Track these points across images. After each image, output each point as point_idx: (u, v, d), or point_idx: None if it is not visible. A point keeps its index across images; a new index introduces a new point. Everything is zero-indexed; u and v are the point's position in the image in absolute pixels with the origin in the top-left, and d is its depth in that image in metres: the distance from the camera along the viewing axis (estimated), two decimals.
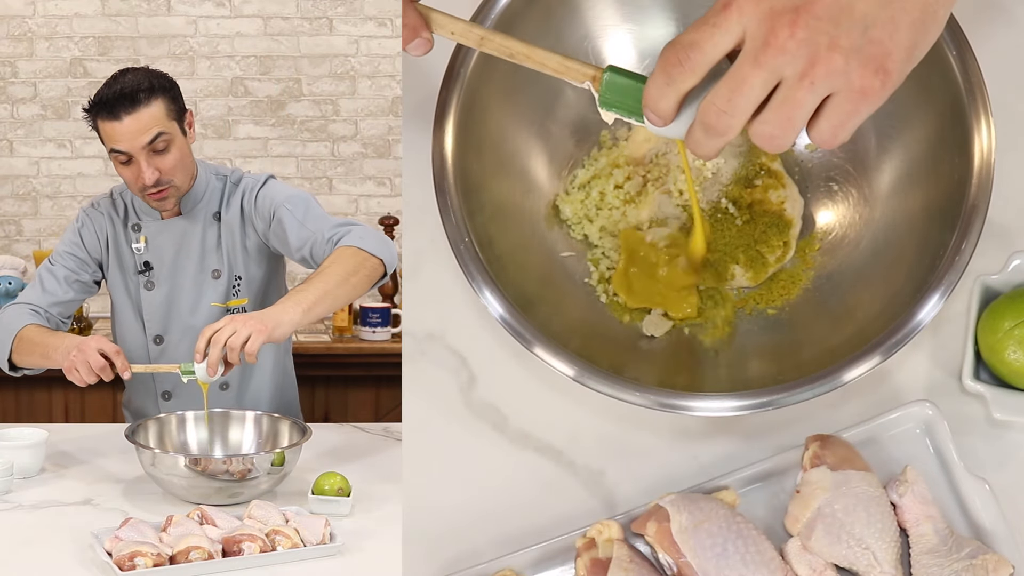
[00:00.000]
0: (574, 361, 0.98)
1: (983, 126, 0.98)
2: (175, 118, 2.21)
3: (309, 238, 2.20)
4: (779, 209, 1.10)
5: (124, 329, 2.38)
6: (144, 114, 2.15)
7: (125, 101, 2.14)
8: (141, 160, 2.17)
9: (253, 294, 2.34)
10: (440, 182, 1.02)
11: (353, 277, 2.08)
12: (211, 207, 2.32)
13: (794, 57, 0.74)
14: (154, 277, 2.32)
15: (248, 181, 2.34)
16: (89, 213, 2.37)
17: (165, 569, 1.59)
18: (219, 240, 2.31)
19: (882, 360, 0.96)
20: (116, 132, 2.15)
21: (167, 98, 2.20)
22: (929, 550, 1.00)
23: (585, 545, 1.03)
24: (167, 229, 2.31)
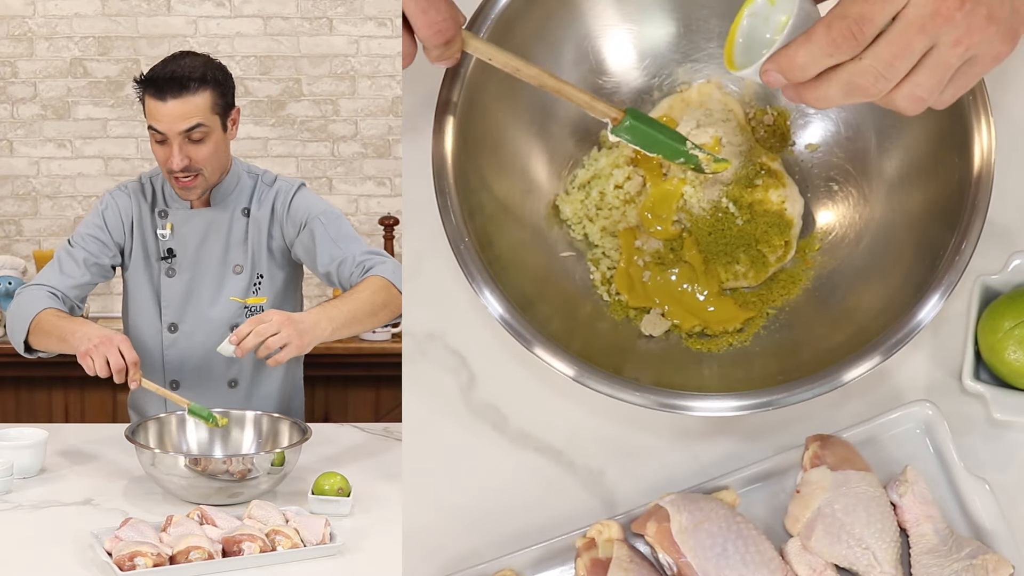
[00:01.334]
0: (574, 361, 0.98)
1: (983, 126, 0.98)
2: (219, 112, 2.23)
3: (338, 257, 2.23)
4: (779, 209, 1.10)
5: (138, 315, 2.38)
6: (189, 102, 2.18)
7: (174, 84, 2.17)
8: (175, 144, 2.19)
9: (272, 295, 2.35)
10: (440, 182, 1.02)
11: (382, 311, 2.13)
12: (240, 202, 2.33)
13: (955, 26, 0.79)
14: (176, 264, 2.33)
15: (283, 184, 2.36)
16: (115, 195, 2.38)
17: (165, 569, 1.59)
18: (246, 236, 2.32)
19: (882, 360, 0.96)
20: (158, 112, 2.18)
21: (216, 91, 2.22)
22: (929, 550, 1.00)
23: (585, 545, 1.03)
24: (194, 218, 2.32)
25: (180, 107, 2.17)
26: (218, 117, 2.23)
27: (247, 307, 2.34)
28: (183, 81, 2.17)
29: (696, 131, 1.10)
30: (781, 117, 1.11)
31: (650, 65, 1.11)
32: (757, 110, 1.11)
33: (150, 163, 3.88)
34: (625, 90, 1.11)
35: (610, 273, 1.11)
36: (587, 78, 1.10)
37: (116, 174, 3.89)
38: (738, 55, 0.89)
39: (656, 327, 1.09)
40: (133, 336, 2.38)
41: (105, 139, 3.88)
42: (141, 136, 3.86)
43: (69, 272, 2.32)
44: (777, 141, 1.11)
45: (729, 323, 1.08)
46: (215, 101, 2.22)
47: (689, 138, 1.08)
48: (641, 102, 1.12)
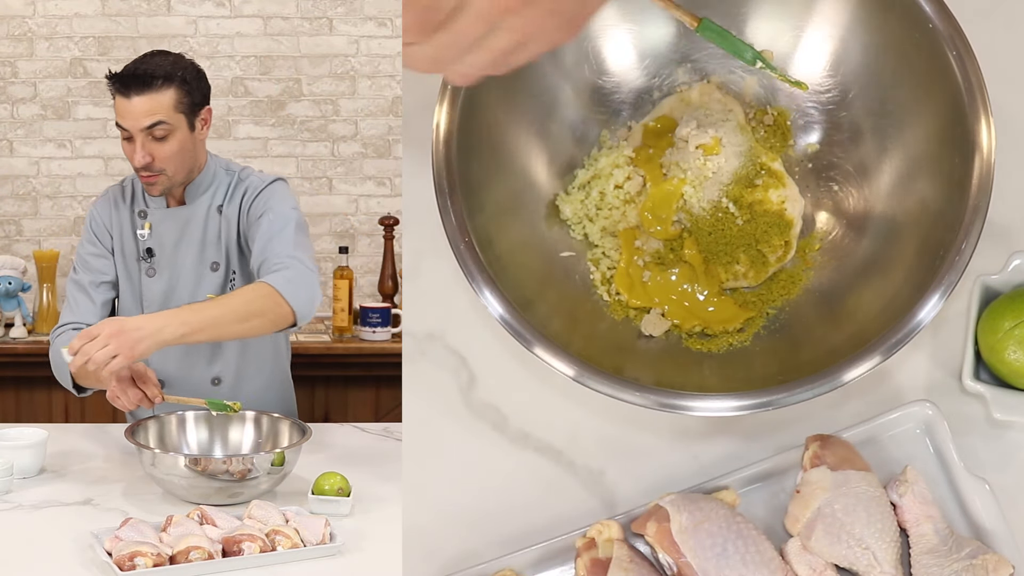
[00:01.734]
0: (574, 361, 0.98)
1: (983, 126, 0.98)
2: (184, 111, 2.23)
3: (263, 255, 2.21)
4: (780, 209, 1.10)
5: (124, 315, 2.39)
6: (152, 99, 2.19)
7: (138, 82, 2.19)
8: (138, 141, 2.21)
9: None
10: (440, 182, 1.02)
11: (256, 319, 2.09)
12: (216, 199, 2.34)
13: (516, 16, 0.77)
14: (156, 264, 2.34)
15: (254, 180, 2.35)
16: (96, 204, 2.41)
17: (165, 569, 1.59)
18: (220, 233, 2.33)
19: (882, 360, 0.96)
20: (123, 109, 2.20)
21: (182, 89, 2.22)
22: (929, 550, 1.00)
23: (585, 545, 1.03)
24: (170, 217, 2.33)
25: (143, 104, 2.19)
26: (183, 116, 2.24)
27: None
28: (147, 79, 2.19)
29: (696, 131, 1.10)
30: (781, 117, 1.11)
31: (650, 65, 1.11)
32: (757, 110, 1.11)
33: None
34: (625, 90, 1.11)
35: (610, 273, 1.11)
36: (587, 78, 1.10)
37: (116, 174, 3.89)
38: None
39: (656, 327, 1.09)
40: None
41: (105, 139, 3.88)
42: None
43: (84, 306, 2.35)
44: (777, 141, 1.11)
45: (729, 323, 1.08)
46: (180, 99, 2.22)
47: (691, 137, 1.08)
48: (641, 102, 1.12)
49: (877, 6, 1.04)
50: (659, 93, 1.12)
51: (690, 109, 1.11)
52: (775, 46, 1.09)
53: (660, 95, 1.12)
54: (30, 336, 3.49)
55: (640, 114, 1.12)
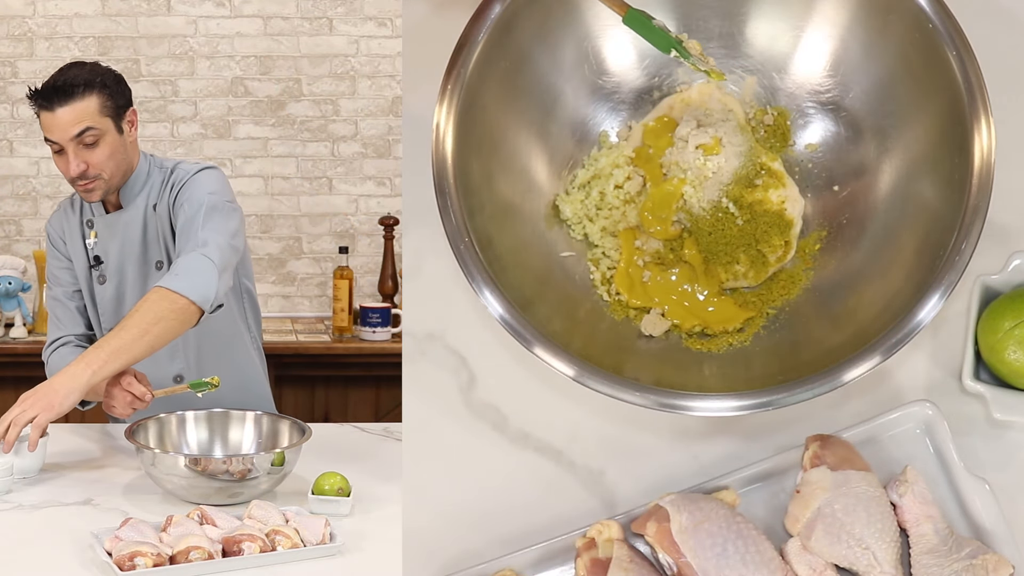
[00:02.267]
0: (574, 361, 0.98)
1: (983, 126, 0.98)
2: (110, 114, 2.24)
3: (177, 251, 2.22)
4: (780, 209, 1.10)
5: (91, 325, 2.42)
6: (76, 107, 2.20)
7: (60, 93, 2.20)
8: (70, 151, 2.21)
9: None
10: (440, 182, 1.02)
11: (156, 327, 2.08)
12: (151, 199, 2.34)
13: None
14: (104, 271, 2.35)
15: (180, 172, 2.34)
16: (50, 219, 2.44)
17: (165, 569, 1.59)
18: (158, 231, 2.33)
19: (882, 360, 0.96)
20: (49, 122, 2.22)
21: (104, 94, 2.23)
22: (929, 550, 1.00)
23: (585, 545, 1.03)
24: (112, 223, 2.34)
25: (68, 114, 2.20)
26: (110, 119, 2.24)
27: None
28: (68, 88, 2.20)
29: (696, 131, 1.10)
30: (781, 117, 1.11)
31: (650, 65, 1.11)
32: (757, 110, 1.11)
33: None
34: (625, 90, 1.11)
35: (610, 273, 1.11)
36: (587, 78, 1.10)
37: None
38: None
39: (656, 327, 1.09)
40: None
41: None
42: (141, 136, 3.84)
43: (67, 317, 2.37)
44: (777, 141, 1.11)
45: (729, 323, 1.08)
46: (103, 104, 2.23)
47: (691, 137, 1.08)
48: (641, 102, 1.12)
49: (877, 6, 1.04)
50: (659, 93, 1.12)
51: (690, 109, 1.11)
52: (775, 46, 1.09)
53: (660, 95, 1.12)
54: (30, 336, 3.49)
55: (640, 114, 1.12)
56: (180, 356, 2.35)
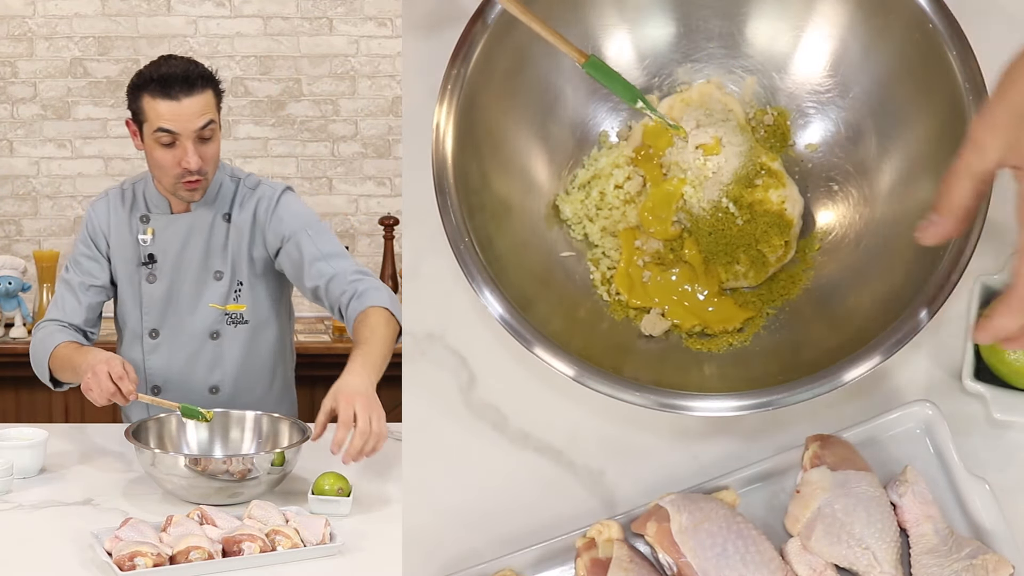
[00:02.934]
0: (574, 361, 0.98)
1: None
2: (219, 111, 2.23)
3: (328, 274, 2.21)
4: (779, 209, 1.10)
5: (123, 321, 2.39)
6: (200, 99, 2.17)
7: (183, 83, 2.16)
8: (188, 144, 2.17)
9: (253, 303, 2.34)
10: (440, 182, 1.02)
11: (391, 340, 2.15)
12: (222, 207, 2.32)
13: None
14: (156, 270, 2.33)
15: (266, 189, 2.33)
16: (94, 206, 2.39)
17: (165, 569, 1.59)
18: (226, 242, 2.31)
19: (882, 360, 0.96)
20: (170, 111, 2.16)
21: (214, 91, 2.22)
22: (929, 550, 1.00)
23: (585, 545, 1.03)
24: (175, 224, 2.32)
25: (195, 104, 2.16)
26: (219, 115, 2.24)
27: (227, 314, 2.33)
28: (190, 79, 2.17)
29: (696, 131, 1.10)
30: (781, 117, 1.11)
31: (650, 65, 1.11)
32: (757, 110, 1.11)
33: None
34: None
35: (610, 273, 1.11)
36: (587, 78, 1.10)
37: (116, 174, 3.89)
38: None
39: (656, 327, 1.09)
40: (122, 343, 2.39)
41: (105, 139, 3.89)
42: None
43: (70, 305, 2.35)
44: (777, 141, 1.11)
45: (729, 323, 1.08)
46: (217, 100, 2.22)
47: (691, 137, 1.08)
48: None
49: (877, 6, 1.04)
50: (659, 93, 1.12)
51: (690, 109, 1.11)
52: (775, 46, 1.09)
53: (660, 95, 1.12)
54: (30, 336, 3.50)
55: (640, 114, 1.12)
56: (220, 369, 2.34)
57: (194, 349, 2.33)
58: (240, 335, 2.33)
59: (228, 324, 2.32)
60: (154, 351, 2.34)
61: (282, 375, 2.46)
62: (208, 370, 2.34)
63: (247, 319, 2.31)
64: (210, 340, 2.31)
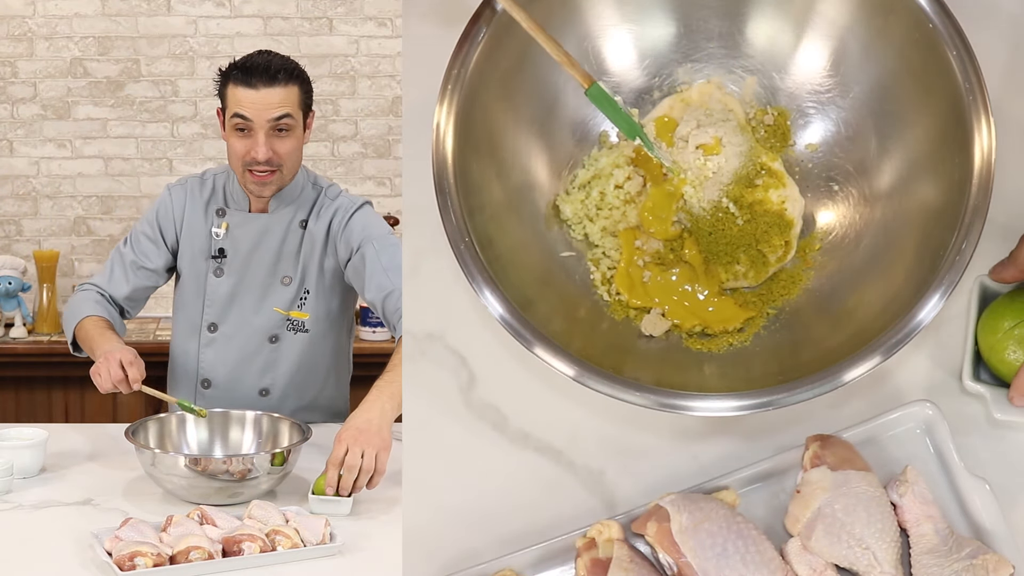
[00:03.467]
0: (574, 361, 0.98)
1: (983, 126, 0.98)
2: (303, 110, 2.24)
3: (387, 288, 2.22)
4: (780, 209, 1.10)
5: (181, 310, 2.39)
6: (279, 91, 2.18)
7: (265, 74, 2.19)
8: (260, 134, 2.19)
9: (317, 313, 2.34)
10: (440, 182, 1.02)
11: None
12: (300, 214, 2.31)
13: None
14: (225, 265, 2.32)
15: (345, 201, 2.34)
16: (171, 189, 2.38)
17: (165, 569, 1.59)
18: (299, 248, 2.31)
19: (882, 360, 0.96)
20: (247, 98, 2.18)
21: (302, 88, 2.24)
22: (929, 550, 1.00)
23: (585, 545, 1.03)
24: (250, 222, 2.32)
25: (272, 95, 2.18)
26: (302, 114, 2.25)
27: (289, 320, 2.33)
28: (273, 71, 2.19)
29: (696, 131, 1.10)
30: (781, 117, 1.11)
31: (650, 65, 1.11)
32: (757, 110, 1.11)
33: (150, 163, 3.88)
34: (625, 90, 1.11)
35: (610, 273, 1.11)
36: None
37: (116, 174, 3.89)
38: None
39: (656, 327, 1.09)
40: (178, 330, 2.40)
41: (105, 139, 3.89)
42: (141, 136, 3.86)
43: (117, 278, 2.35)
44: (777, 141, 1.11)
45: (729, 323, 1.09)
46: (301, 98, 2.23)
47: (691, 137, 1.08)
48: (641, 102, 1.12)
49: (877, 6, 1.04)
50: (659, 93, 1.12)
51: (690, 109, 1.11)
52: (775, 46, 1.09)
53: (660, 95, 1.12)
54: (30, 336, 3.50)
55: (640, 114, 1.12)
56: (272, 372, 2.34)
57: (251, 350, 2.33)
58: (298, 342, 2.34)
59: (288, 330, 2.33)
60: (210, 345, 2.34)
61: (334, 385, 2.47)
62: (261, 373, 2.34)
63: (308, 328, 2.32)
64: (268, 343, 2.31)
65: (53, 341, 3.43)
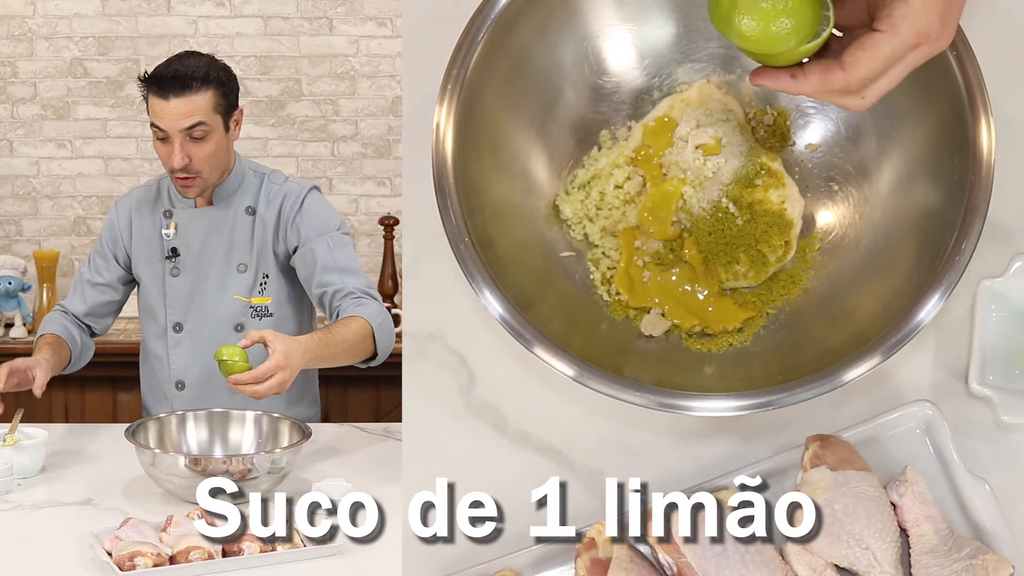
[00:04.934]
0: (574, 361, 0.98)
1: (983, 126, 0.98)
2: (221, 112, 2.25)
3: (335, 286, 2.25)
4: (779, 209, 1.10)
5: (147, 316, 2.41)
6: (191, 100, 2.20)
7: (176, 84, 2.20)
8: (176, 142, 2.21)
9: (278, 296, 2.36)
10: (440, 182, 1.02)
11: (352, 350, 2.17)
12: (244, 201, 2.34)
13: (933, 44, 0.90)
14: (180, 264, 2.34)
15: (293, 186, 2.36)
16: (117, 206, 2.43)
17: (165, 569, 1.59)
18: (251, 234, 2.33)
19: (882, 360, 0.96)
20: (161, 110, 2.21)
21: (218, 91, 2.24)
22: (929, 550, 1.00)
23: (585, 545, 1.03)
24: (197, 218, 2.34)
25: (182, 105, 2.19)
26: (220, 117, 2.24)
27: (252, 306, 2.35)
28: (186, 80, 2.19)
29: (696, 131, 1.10)
30: (781, 117, 1.11)
31: (650, 65, 1.11)
32: (757, 110, 1.11)
33: (150, 163, 3.88)
34: (625, 90, 1.11)
35: (610, 273, 1.11)
36: (587, 78, 1.10)
37: (116, 174, 3.89)
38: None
39: (656, 327, 1.09)
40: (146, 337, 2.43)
41: (105, 139, 3.89)
42: (141, 136, 3.86)
43: (75, 297, 2.45)
44: (777, 141, 1.11)
45: (729, 323, 1.09)
46: (217, 101, 2.23)
47: (691, 137, 1.08)
48: (641, 102, 1.12)
49: None
50: (659, 93, 1.12)
51: (690, 109, 1.11)
52: None
53: (660, 95, 1.12)
54: (30, 336, 3.49)
55: (640, 114, 1.12)
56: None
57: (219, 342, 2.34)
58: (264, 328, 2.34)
59: (253, 317, 2.34)
60: (178, 345, 2.35)
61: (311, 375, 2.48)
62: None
63: (272, 312, 2.34)
64: (234, 333, 2.33)
65: None
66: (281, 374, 1.96)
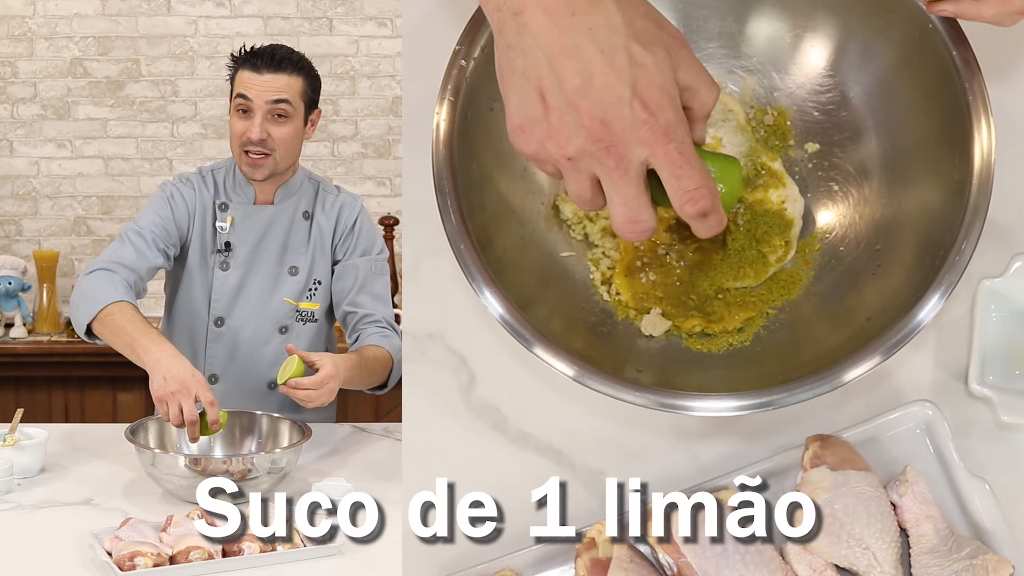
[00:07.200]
0: (574, 361, 0.98)
1: (983, 126, 0.98)
2: (305, 101, 2.30)
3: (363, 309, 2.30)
4: (780, 209, 1.10)
5: (185, 305, 2.38)
6: (282, 78, 2.28)
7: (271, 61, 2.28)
8: (258, 115, 2.25)
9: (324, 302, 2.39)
10: (440, 182, 1.02)
11: (372, 376, 2.26)
12: (302, 205, 2.36)
13: None
14: (231, 259, 2.34)
15: (347, 198, 2.42)
16: (178, 185, 2.39)
17: (165, 569, 1.59)
18: (308, 238, 2.35)
19: (882, 360, 0.96)
20: (251, 81, 2.27)
21: (307, 82, 2.32)
22: (929, 550, 1.00)
23: (585, 545, 1.03)
24: (256, 214, 2.34)
25: (274, 81, 2.27)
26: (303, 105, 2.30)
27: (299, 311, 2.36)
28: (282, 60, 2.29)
29: None
30: (781, 117, 1.11)
31: None
32: (757, 110, 1.11)
33: (150, 163, 3.88)
34: None
35: (610, 273, 1.11)
36: None
37: (116, 174, 3.90)
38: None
39: (656, 327, 1.09)
40: (177, 328, 2.39)
41: (105, 139, 3.89)
42: (141, 136, 3.86)
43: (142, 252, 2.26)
44: (777, 141, 1.11)
45: (729, 323, 1.08)
46: (304, 89, 2.30)
47: None
48: None
49: (877, 6, 1.04)
50: None
51: None
52: (775, 46, 1.09)
53: None
54: (30, 336, 3.49)
55: None
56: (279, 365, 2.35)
57: (260, 341, 2.35)
58: (306, 333, 2.36)
59: (298, 321, 2.35)
60: (217, 340, 2.35)
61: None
62: (270, 365, 2.35)
63: (317, 318, 2.36)
64: (278, 334, 2.34)
65: (53, 341, 3.43)
66: (333, 383, 2.04)
